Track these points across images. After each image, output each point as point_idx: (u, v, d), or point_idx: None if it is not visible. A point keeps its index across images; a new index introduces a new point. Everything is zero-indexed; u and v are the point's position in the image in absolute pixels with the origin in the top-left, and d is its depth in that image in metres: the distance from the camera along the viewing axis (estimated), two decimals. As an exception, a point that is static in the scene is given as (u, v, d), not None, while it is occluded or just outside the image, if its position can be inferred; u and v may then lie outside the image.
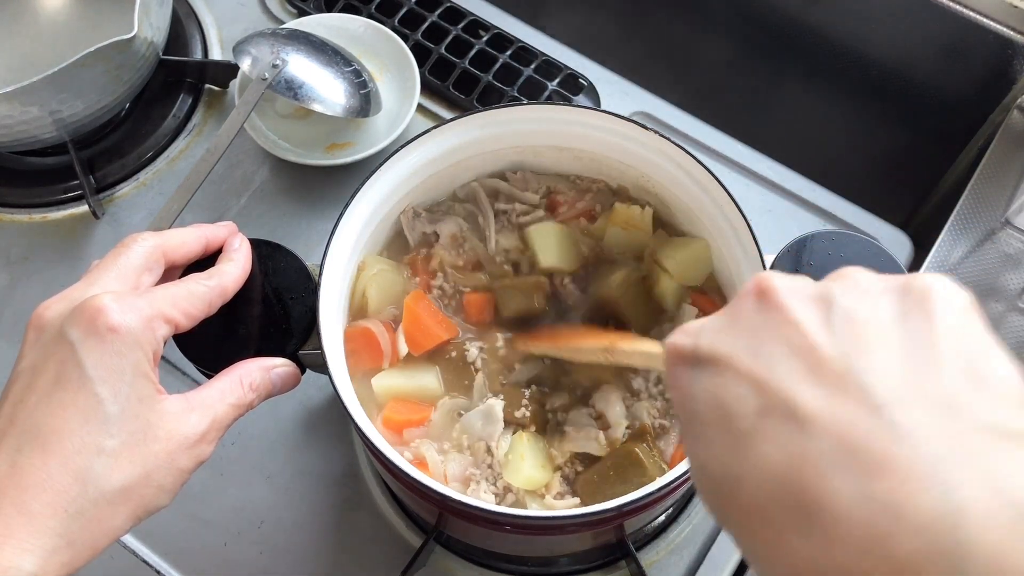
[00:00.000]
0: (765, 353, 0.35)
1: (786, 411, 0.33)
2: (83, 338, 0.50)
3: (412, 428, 0.68)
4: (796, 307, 0.36)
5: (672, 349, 0.40)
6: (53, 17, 1.03)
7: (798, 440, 0.32)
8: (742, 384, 0.35)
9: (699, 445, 0.37)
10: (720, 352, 0.37)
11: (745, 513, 0.34)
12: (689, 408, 0.38)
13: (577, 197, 0.77)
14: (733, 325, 0.38)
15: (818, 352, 0.34)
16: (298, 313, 0.64)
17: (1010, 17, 0.96)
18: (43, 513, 0.47)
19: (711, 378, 0.37)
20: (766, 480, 0.33)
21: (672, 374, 0.40)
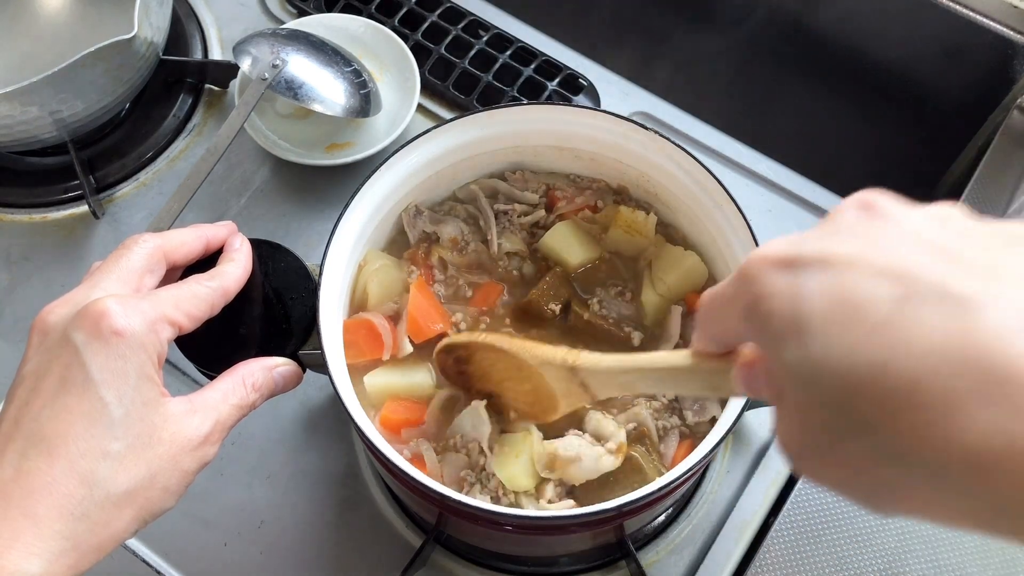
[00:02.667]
0: (894, 249, 0.34)
1: (940, 294, 0.31)
2: (87, 342, 0.50)
3: (410, 428, 0.68)
4: (910, 217, 0.35)
5: (763, 255, 0.37)
6: (53, 17, 1.03)
7: (965, 313, 0.31)
8: (874, 277, 0.33)
9: (815, 344, 0.33)
10: (836, 252, 0.34)
11: (891, 400, 0.31)
12: (795, 309, 0.34)
13: (576, 193, 0.77)
14: (839, 233, 0.36)
15: (954, 249, 0.33)
16: (298, 313, 0.64)
17: (1010, 17, 0.96)
18: (49, 516, 0.47)
19: (828, 276, 0.34)
20: (926, 357, 0.31)
21: (760, 281, 0.36)
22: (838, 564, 0.77)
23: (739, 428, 0.85)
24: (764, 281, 0.36)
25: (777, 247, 0.36)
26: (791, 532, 0.78)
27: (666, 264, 0.73)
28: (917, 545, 0.77)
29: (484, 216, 0.76)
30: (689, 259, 0.72)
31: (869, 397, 0.32)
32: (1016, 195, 0.93)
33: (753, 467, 0.83)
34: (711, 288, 0.41)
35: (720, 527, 0.80)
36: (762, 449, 0.84)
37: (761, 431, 0.85)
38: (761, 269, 0.36)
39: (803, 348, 0.34)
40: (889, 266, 0.33)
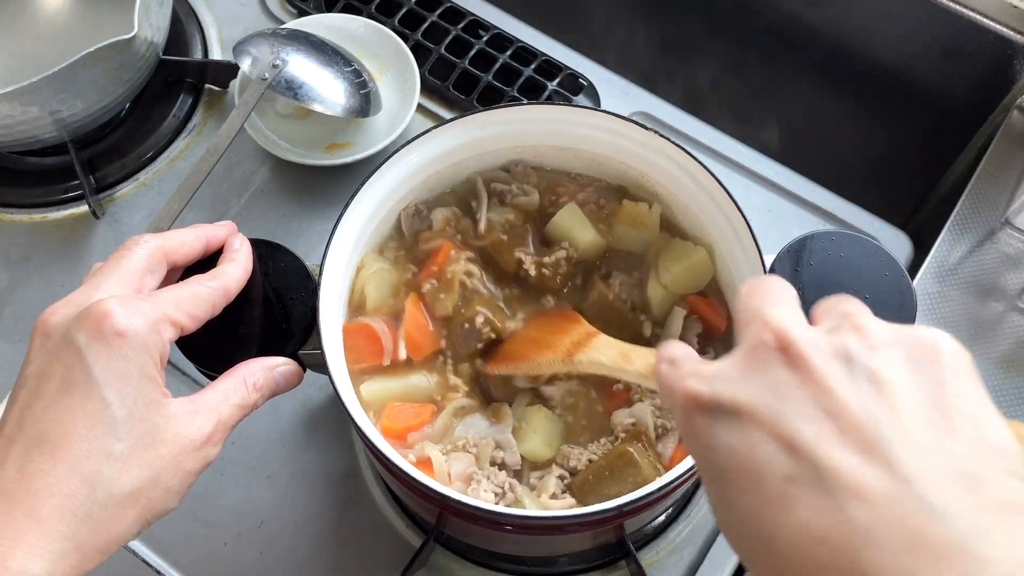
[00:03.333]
0: (792, 411, 0.35)
1: (816, 476, 0.33)
2: (90, 343, 0.50)
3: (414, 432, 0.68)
4: (820, 364, 0.35)
5: (688, 395, 0.39)
6: (53, 17, 1.03)
7: (831, 510, 0.32)
8: (769, 443, 0.35)
9: (724, 501, 0.36)
10: (743, 404, 0.36)
11: (777, 566, 0.34)
12: (710, 461, 0.37)
13: (577, 189, 0.77)
14: (753, 376, 0.37)
15: (846, 416, 0.34)
16: (298, 313, 0.64)
17: (1010, 17, 0.96)
18: (52, 517, 0.47)
19: (734, 432, 0.36)
20: (798, 546, 0.33)
21: (688, 421, 0.39)
22: (838, 564, 0.77)
23: (739, 428, 0.85)
24: (689, 421, 0.38)
25: (700, 385, 0.38)
26: (791, 532, 0.78)
27: (673, 256, 0.72)
28: (917, 545, 0.77)
29: (477, 196, 0.75)
30: (697, 253, 0.72)
31: (760, 563, 0.35)
32: (1016, 195, 0.93)
33: (753, 467, 0.83)
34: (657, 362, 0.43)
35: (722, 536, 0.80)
36: (762, 449, 0.84)
37: (761, 431, 0.85)
38: (686, 408, 0.39)
39: (713, 498, 0.37)
40: (785, 434, 0.34)
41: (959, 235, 0.92)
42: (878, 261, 0.66)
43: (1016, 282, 0.89)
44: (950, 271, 0.90)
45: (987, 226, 0.92)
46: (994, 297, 0.89)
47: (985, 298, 0.89)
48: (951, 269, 0.90)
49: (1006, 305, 0.88)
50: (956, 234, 0.92)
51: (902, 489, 0.32)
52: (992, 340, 0.87)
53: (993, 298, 0.89)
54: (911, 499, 0.31)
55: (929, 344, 0.36)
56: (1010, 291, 0.89)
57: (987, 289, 0.89)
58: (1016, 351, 0.86)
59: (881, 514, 0.31)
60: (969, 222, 0.93)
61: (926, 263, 0.90)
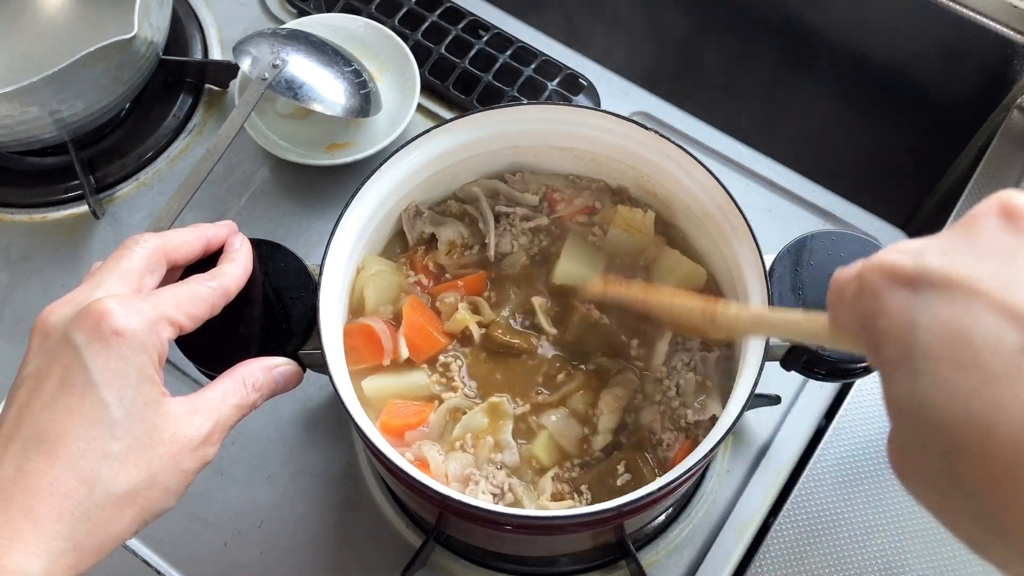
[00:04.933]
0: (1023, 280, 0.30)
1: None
2: (88, 342, 0.50)
3: (411, 431, 0.68)
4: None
5: (886, 266, 0.34)
6: (53, 17, 1.03)
7: None
8: (994, 315, 0.30)
9: (923, 383, 0.31)
10: (961, 275, 0.31)
11: (996, 466, 0.29)
12: (909, 338, 0.32)
13: (574, 194, 0.77)
14: (972, 246, 0.32)
15: None
16: (298, 313, 0.64)
17: (1010, 17, 0.96)
18: (49, 517, 0.47)
19: (947, 305, 0.31)
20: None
21: (878, 295, 0.34)
22: (838, 564, 0.77)
23: (739, 428, 0.85)
24: (881, 296, 0.34)
25: (902, 257, 0.34)
26: (791, 532, 0.78)
27: (663, 270, 0.73)
28: (917, 545, 0.77)
29: (484, 219, 0.76)
30: (685, 267, 0.72)
31: (971, 459, 0.30)
32: (1016, 195, 0.93)
33: (753, 467, 0.83)
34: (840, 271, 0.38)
35: (720, 527, 0.80)
36: (762, 449, 0.84)
37: (761, 431, 0.85)
38: (879, 282, 0.34)
39: (911, 383, 0.32)
40: (1017, 304, 0.30)
41: (959, 235, 0.92)
42: (878, 261, 0.66)
43: (1016, 282, 0.89)
44: (950, 271, 0.90)
45: (987, 226, 0.92)
46: (994, 297, 0.89)
47: (985, 298, 0.88)
48: (951, 269, 0.90)
49: (1006, 305, 0.88)
50: (956, 234, 0.92)
51: None
52: (992, 340, 0.86)
53: (993, 298, 0.89)
54: None
55: None
56: (1010, 291, 0.89)
57: (987, 289, 0.89)
58: (1016, 351, 0.86)
59: None
60: (969, 222, 0.92)
61: (926, 263, 0.90)
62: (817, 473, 0.81)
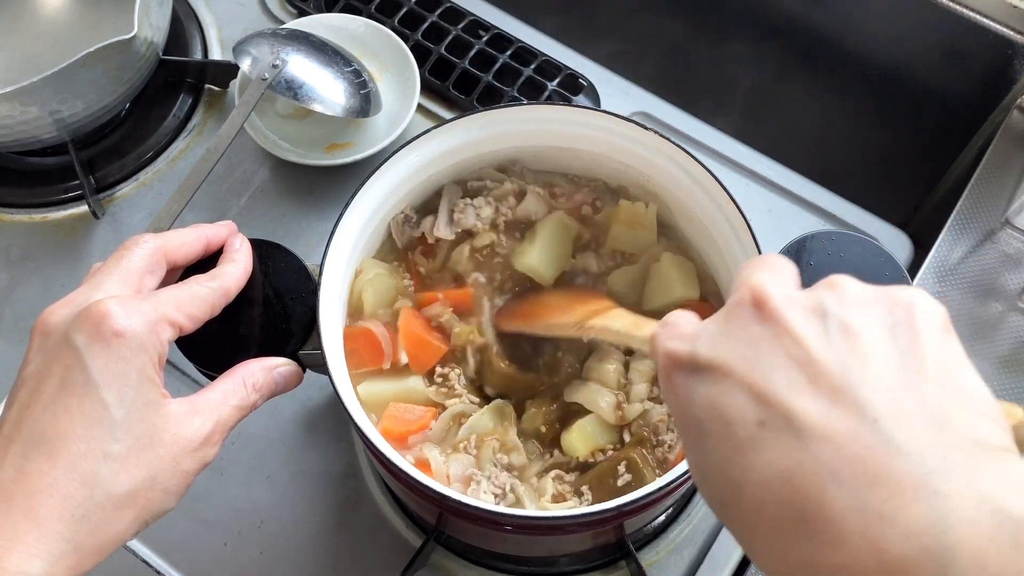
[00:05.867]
0: (765, 363, 0.36)
1: (786, 421, 0.34)
2: (88, 343, 0.50)
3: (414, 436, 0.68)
4: (793, 318, 0.37)
5: (668, 355, 0.40)
6: (53, 17, 1.03)
7: (797, 450, 0.34)
8: (741, 393, 0.36)
9: (699, 452, 0.38)
10: (719, 360, 0.37)
11: (747, 516, 0.35)
12: (688, 415, 0.38)
13: (574, 190, 0.77)
14: (730, 333, 0.38)
15: (817, 364, 0.35)
16: (298, 313, 0.64)
17: (1010, 17, 0.96)
18: (50, 518, 0.47)
19: (710, 386, 0.37)
20: (767, 487, 0.34)
21: (669, 380, 0.40)
22: (838, 564, 0.77)
23: (739, 428, 0.85)
24: (669, 379, 0.40)
25: (680, 345, 0.40)
26: (791, 532, 0.78)
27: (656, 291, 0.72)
28: (917, 545, 0.77)
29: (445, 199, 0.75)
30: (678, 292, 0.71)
31: (731, 510, 0.36)
32: (1016, 195, 0.93)
33: (753, 467, 0.83)
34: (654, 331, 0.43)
35: (720, 527, 0.80)
36: (762, 449, 0.84)
37: (761, 431, 0.85)
38: (666, 367, 0.40)
39: (691, 453, 0.39)
40: (755, 383, 0.36)
41: (959, 235, 0.92)
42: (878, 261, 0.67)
43: (1016, 282, 0.89)
44: (950, 271, 0.90)
45: (987, 226, 0.92)
46: (994, 297, 0.89)
47: (985, 298, 0.89)
48: (951, 269, 0.90)
49: (1006, 305, 0.88)
50: (956, 234, 0.92)
51: (867, 429, 0.33)
52: (992, 340, 0.87)
53: (993, 298, 0.89)
54: (876, 438, 0.32)
55: (905, 300, 0.37)
56: (1010, 291, 0.89)
57: (987, 289, 0.89)
58: (1016, 351, 0.86)
59: (845, 453, 0.33)
60: (969, 222, 0.92)
61: (926, 263, 0.90)
62: (817, 473, 0.81)
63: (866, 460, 0.32)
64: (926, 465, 0.32)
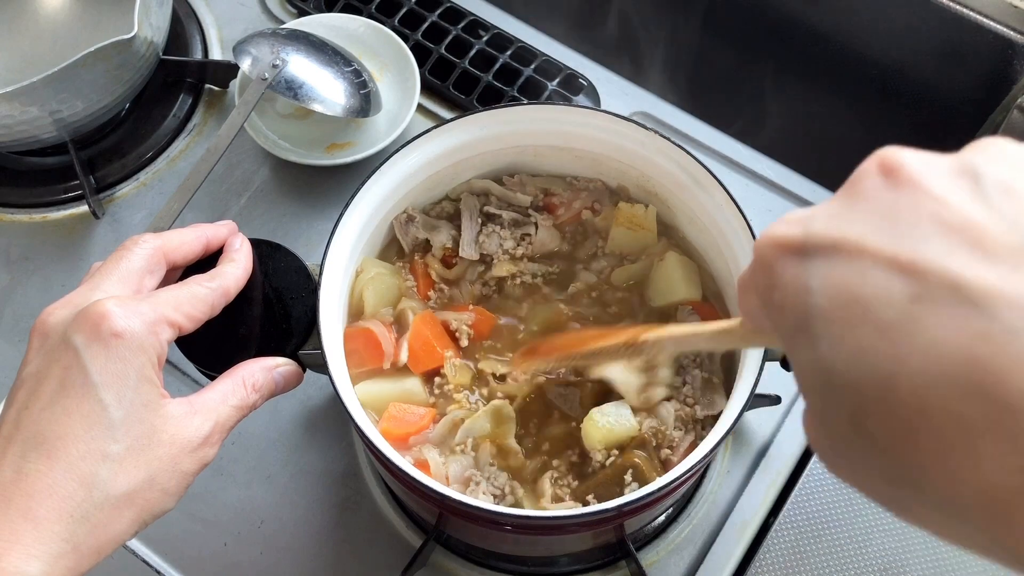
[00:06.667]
0: (909, 234, 0.30)
1: (953, 292, 0.28)
2: (87, 344, 0.50)
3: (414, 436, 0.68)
4: (936, 182, 0.31)
5: (775, 240, 0.34)
6: (53, 17, 1.03)
7: (979, 322, 0.27)
8: (884, 270, 0.30)
9: (822, 347, 0.31)
10: (846, 237, 0.31)
11: (901, 421, 0.29)
12: (803, 304, 0.32)
13: (573, 197, 0.77)
14: (855, 207, 0.32)
15: (979, 226, 0.29)
16: (298, 313, 0.64)
17: (1010, 17, 0.96)
18: (48, 518, 0.47)
19: (835, 267, 0.31)
20: (938, 372, 0.28)
21: (771, 268, 0.34)
22: (838, 564, 0.77)
23: (739, 428, 0.85)
24: (773, 269, 0.34)
25: (787, 228, 0.34)
26: (791, 532, 0.78)
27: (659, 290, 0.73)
28: (917, 545, 0.77)
29: (467, 216, 0.75)
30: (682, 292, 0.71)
31: (876, 414, 0.30)
32: (1016, 195, 0.93)
33: (753, 467, 0.83)
34: (743, 273, 0.39)
35: (720, 527, 0.80)
36: (762, 449, 0.84)
37: (761, 431, 0.85)
38: (770, 255, 0.34)
39: (812, 349, 0.32)
40: (903, 256, 0.30)
41: (959, 235, 0.92)
42: (878, 261, 0.66)
43: (1016, 282, 0.89)
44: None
45: (987, 226, 0.92)
46: (994, 297, 0.89)
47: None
48: (951, 269, 0.90)
49: (1006, 305, 0.88)
50: (956, 234, 0.92)
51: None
52: (992, 340, 0.86)
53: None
54: None
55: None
56: (1010, 291, 0.89)
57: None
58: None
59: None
60: (969, 222, 0.92)
61: (926, 263, 0.90)
62: (817, 473, 0.81)
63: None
64: None
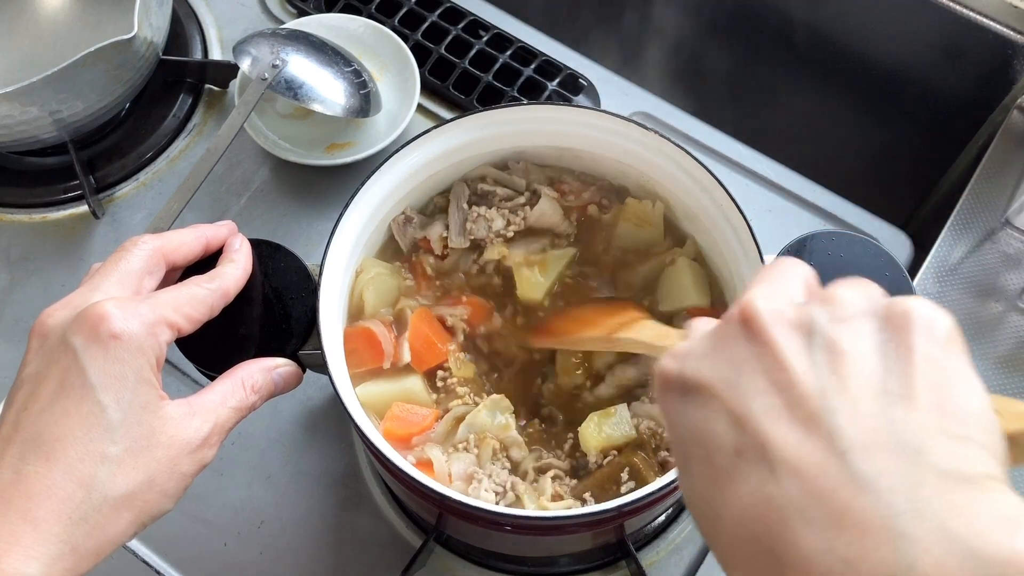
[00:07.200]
0: (746, 386, 0.34)
1: (760, 452, 0.33)
2: (86, 345, 0.50)
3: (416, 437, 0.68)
4: (778, 337, 0.35)
5: (660, 375, 0.39)
6: (53, 17, 1.03)
7: (769, 483, 0.32)
8: (723, 418, 0.35)
9: (685, 476, 0.37)
10: (703, 381, 0.36)
11: (724, 548, 0.34)
12: (677, 437, 0.38)
13: (582, 188, 0.77)
14: (717, 352, 0.37)
15: (796, 388, 0.33)
16: (298, 313, 0.64)
17: (1010, 17, 0.96)
18: (47, 520, 0.47)
19: (696, 409, 0.36)
20: (740, 522, 0.33)
21: (662, 400, 0.39)
22: (838, 564, 0.77)
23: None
24: (663, 401, 0.39)
25: (671, 364, 0.38)
26: (791, 532, 0.78)
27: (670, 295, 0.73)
28: (917, 545, 0.77)
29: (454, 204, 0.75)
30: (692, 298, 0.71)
31: (712, 543, 0.35)
32: (1016, 195, 0.93)
33: (753, 467, 0.83)
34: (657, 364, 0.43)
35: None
36: (762, 449, 0.84)
37: (761, 431, 0.85)
38: (660, 388, 0.39)
39: (680, 477, 0.38)
40: (738, 409, 0.34)
41: (959, 235, 0.92)
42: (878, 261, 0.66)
43: (1016, 282, 0.89)
44: (950, 271, 0.90)
45: (987, 226, 0.92)
46: (994, 297, 0.89)
47: (985, 298, 0.89)
48: (951, 269, 0.90)
49: (1006, 305, 0.88)
50: (956, 234, 0.92)
51: (836, 462, 0.31)
52: (992, 340, 0.87)
53: (993, 298, 0.89)
54: (843, 472, 0.31)
55: (901, 311, 0.34)
56: (1010, 291, 0.89)
57: (987, 289, 0.89)
58: (1016, 351, 0.86)
59: (813, 488, 0.31)
60: (969, 222, 0.92)
61: (926, 263, 0.90)
62: (817, 473, 0.81)
63: (832, 498, 0.31)
64: (895, 504, 0.30)
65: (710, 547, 0.37)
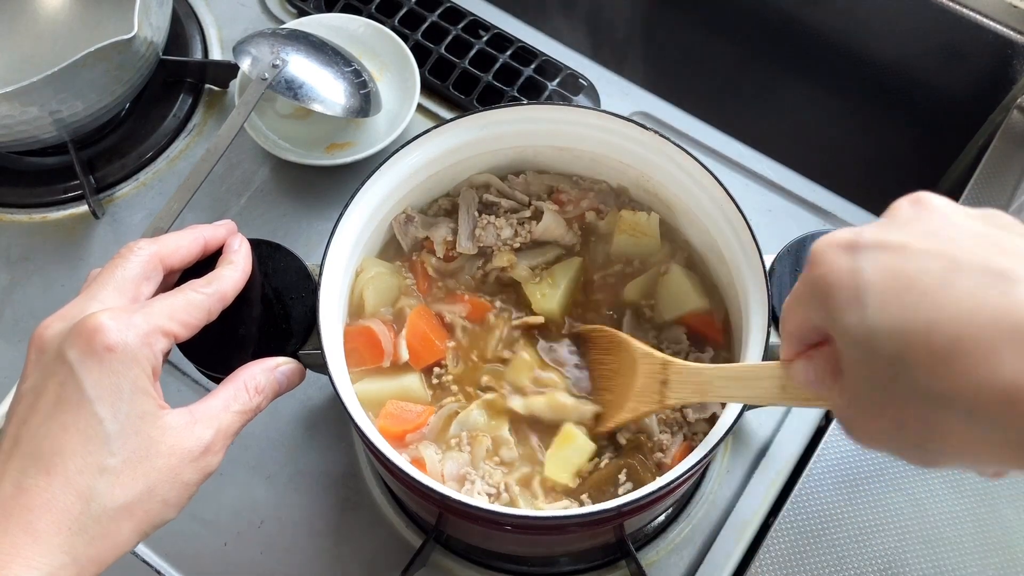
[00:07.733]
0: (941, 236, 0.40)
1: (981, 268, 0.38)
2: (81, 359, 0.50)
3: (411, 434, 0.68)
4: (957, 211, 0.42)
5: (828, 239, 0.43)
6: (53, 17, 1.03)
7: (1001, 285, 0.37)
8: (923, 257, 0.39)
9: (871, 310, 0.40)
10: (891, 238, 0.41)
11: (936, 352, 0.38)
12: (854, 281, 0.41)
13: (580, 196, 0.77)
14: (893, 224, 0.42)
15: (992, 237, 0.40)
16: (298, 313, 0.64)
17: (1010, 17, 0.96)
18: (48, 532, 0.48)
19: (883, 256, 0.40)
20: (969, 316, 0.37)
21: (825, 259, 0.42)
22: (838, 564, 0.77)
23: (739, 428, 0.85)
24: (828, 261, 0.42)
25: (840, 234, 0.43)
26: (791, 532, 0.78)
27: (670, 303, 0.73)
28: (917, 545, 0.77)
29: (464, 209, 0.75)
30: (693, 303, 0.71)
31: (917, 350, 0.38)
32: (1016, 195, 0.93)
33: (753, 467, 0.83)
34: (788, 297, 0.47)
35: (720, 527, 0.80)
36: (762, 449, 0.84)
37: (761, 431, 0.85)
38: (826, 251, 0.43)
39: (861, 313, 0.40)
40: (937, 248, 0.40)
41: (959, 235, 0.92)
42: (878, 261, 0.66)
43: (1016, 282, 0.89)
44: (950, 271, 0.90)
45: (987, 226, 0.92)
46: (994, 297, 0.89)
47: (985, 298, 0.88)
48: (951, 269, 0.90)
49: (1006, 305, 0.88)
50: (956, 234, 0.92)
51: None
52: (992, 340, 0.86)
53: (993, 298, 0.89)
54: None
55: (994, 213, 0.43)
56: (1010, 291, 0.89)
57: (987, 289, 0.89)
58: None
59: None
60: (969, 222, 0.92)
61: (926, 263, 0.90)
62: (817, 473, 0.81)
63: None
64: None
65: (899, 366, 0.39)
